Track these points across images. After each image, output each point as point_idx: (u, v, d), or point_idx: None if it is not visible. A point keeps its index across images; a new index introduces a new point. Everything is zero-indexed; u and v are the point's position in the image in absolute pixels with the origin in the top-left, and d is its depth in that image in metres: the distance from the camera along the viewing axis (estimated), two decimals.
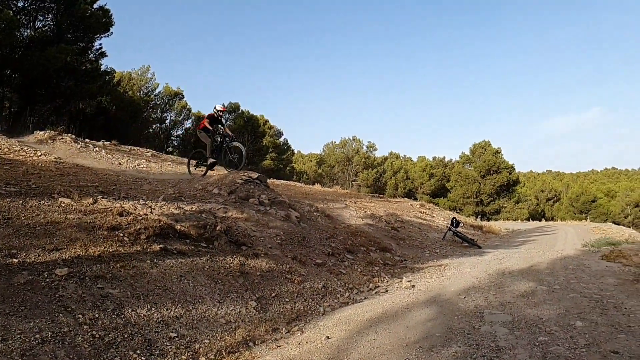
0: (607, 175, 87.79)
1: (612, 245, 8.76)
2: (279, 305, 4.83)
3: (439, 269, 7.18)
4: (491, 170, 39.17)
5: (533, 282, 5.44)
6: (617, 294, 4.65)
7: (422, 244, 10.55)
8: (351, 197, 15.69)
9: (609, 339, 3.29)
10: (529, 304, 4.40)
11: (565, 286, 5.15)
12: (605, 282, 5.32)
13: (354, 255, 7.68)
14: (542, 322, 3.78)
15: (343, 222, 10.08)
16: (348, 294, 5.66)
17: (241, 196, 7.92)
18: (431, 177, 44.27)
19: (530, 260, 7.30)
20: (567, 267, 6.48)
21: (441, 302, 4.75)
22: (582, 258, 7.47)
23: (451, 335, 3.60)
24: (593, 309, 4.12)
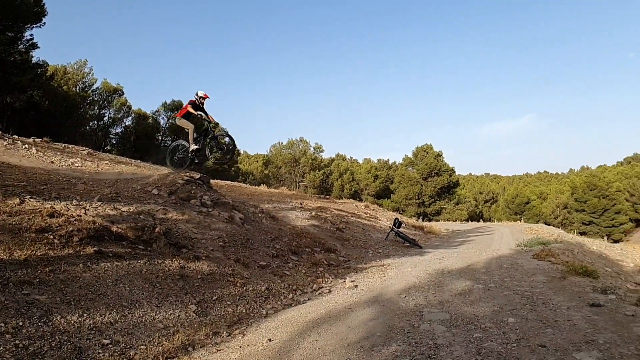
0: (539, 178, 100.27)
1: (543, 244, 10.25)
2: (220, 309, 5.17)
3: (382, 269, 8.01)
4: (433, 172, 44.53)
5: (470, 280, 6.28)
6: (546, 291, 5.61)
7: (366, 244, 11.49)
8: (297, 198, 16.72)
9: (538, 334, 4.02)
10: (466, 302, 5.13)
11: (499, 284, 6.04)
12: (536, 279, 6.35)
13: (299, 257, 8.33)
14: (477, 320, 4.47)
15: (288, 223, 10.79)
16: (292, 295, 6.17)
17: (182, 197, 8.39)
18: (376, 179, 49.31)
19: (468, 260, 8.34)
20: (502, 266, 7.53)
21: (383, 302, 5.37)
22: (516, 257, 8.68)
23: (391, 335, 4.13)
24: (524, 305, 4.95)
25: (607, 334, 3.91)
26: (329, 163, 51.71)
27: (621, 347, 3.58)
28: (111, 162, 14.37)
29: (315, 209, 13.89)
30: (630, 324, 4.21)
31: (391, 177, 49.06)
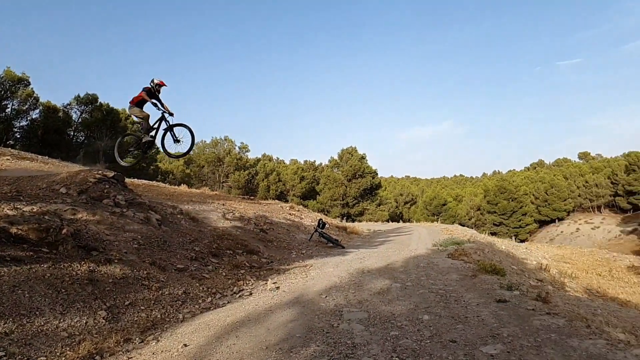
0: (455, 181, 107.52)
1: (457, 244, 10.93)
2: (133, 314, 4.98)
3: (304, 270, 8.07)
4: (357, 174, 46.00)
5: (389, 280, 6.53)
6: (459, 289, 5.99)
7: (290, 246, 11.52)
8: (220, 198, 16.39)
9: (450, 330, 4.27)
10: (384, 301, 5.32)
11: (416, 283, 6.34)
12: (450, 278, 6.75)
13: (219, 259, 8.18)
14: (394, 318, 4.65)
15: (209, 224, 10.58)
16: (210, 298, 6.05)
17: (94, 196, 8.05)
18: (302, 180, 49.75)
19: (387, 259, 8.66)
20: (419, 265, 7.91)
21: (303, 303, 5.41)
22: (432, 256, 9.17)
23: (311, 335, 4.18)
24: (438, 303, 5.23)
25: (510, 328, 4.24)
26: (255, 163, 51.33)
27: (522, 339, 3.91)
28: (13, 157, 13.54)
29: (238, 210, 13.74)
30: (530, 317, 4.61)
31: (317, 178, 49.84)
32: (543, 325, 4.35)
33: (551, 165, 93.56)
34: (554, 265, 14.02)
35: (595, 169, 72.57)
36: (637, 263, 18.50)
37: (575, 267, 15.32)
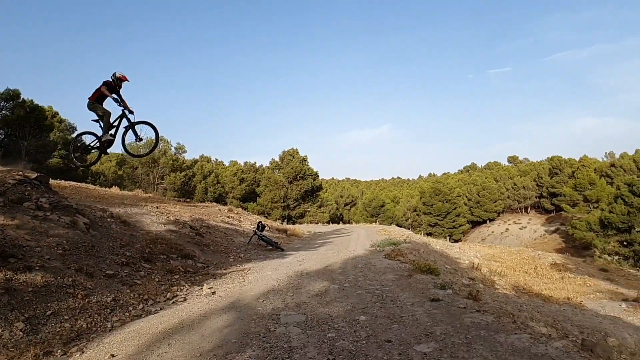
0: (393, 183, 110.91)
1: (394, 245, 11.22)
2: (55, 325, 4.67)
3: (242, 274, 7.92)
4: (298, 176, 46.00)
5: (327, 281, 6.56)
6: (394, 288, 6.12)
7: (227, 249, 11.27)
8: (154, 201, 15.71)
9: (385, 330, 4.35)
10: (322, 303, 5.34)
11: (354, 284, 6.42)
12: (386, 278, 6.90)
13: (152, 264, 7.87)
14: (332, 320, 4.68)
15: (142, 228, 10.17)
16: (142, 305, 5.79)
17: (13, 199, 7.49)
18: (242, 182, 49.26)
19: (326, 261, 8.72)
20: (357, 266, 8.02)
21: (240, 307, 5.30)
22: (370, 257, 9.33)
23: (247, 340, 4.10)
24: (375, 303, 5.32)
25: (443, 326, 4.39)
26: (192, 164, 49.85)
27: (454, 337, 4.06)
28: None
29: (173, 213, 13.32)
30: (462, 315, 4.80)
31: (258, 180, 49.41)
32: (473, 322, 4.54)
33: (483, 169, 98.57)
34: (485, 264, 14.74)
35: (522, 172, 77.41)
36: (558, 260, 19.91)
37: (504, 265, 16.20)
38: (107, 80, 8.69)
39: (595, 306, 10.25)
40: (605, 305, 10.53)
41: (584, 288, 13.24)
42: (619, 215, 33.49)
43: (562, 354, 3.82)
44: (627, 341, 6.45)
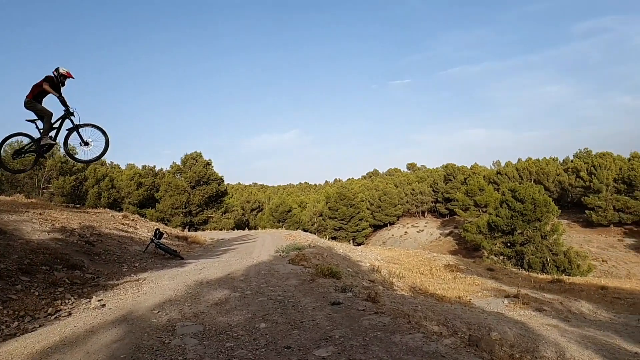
0: (300, 188, 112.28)
1: (298, 250, 11.27)
2: None
3: (136, 284, 7.42)
4: (201, 181, 44.70)
5: (228, 289, 6.39)
6: (297, 294, 6.14)
7: (121, 258, 10.49)
8: (37, 207, 14.06)
9: (285, 336, 4.33)
10: (221, 312, 5.18)
11: (256, 291, 6.33)
12: (289, 283, 6.89)
13: (32, 277, 7.09)
14: (231, 329, 4.56)
15: (21, 237, 9.10)
16: (17, 323, 5.24)
17: None
18: (140, 187, 46.61)
19: (228, 268, 8.51)
20: (260, 273, 7.92)
21: (132, 320, 4.96)
22: (274, 263, 9.27)
23: (138, 355, 3.85)
24: (276, 310, 5.28)
25: (342, 329, 4.48)
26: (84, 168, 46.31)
27: (352, 340, 4.15)
28: None
29: (60, 220, 12.19)
30: (361, 317, 4.94)
31: (157, 185, 47.10)
32: (371, 324, 4.69)
33: (384, 174, 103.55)
34: (384, 266, 15.38)
35: (420, 178, 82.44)
36: (451, 262, 21.41)
37: (403, 267, 17.05)
38: (48, 76, 7.87)
39: (482, 303, 11.15)
40: (491, 302, 11.51)
41: (472, 287, 14.36)
42: (503, 219, 36.91)
43: (450, 350, 4.07)
44: (507, 335, 7.07)
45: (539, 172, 66.07)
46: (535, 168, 67.12)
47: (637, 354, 7.40)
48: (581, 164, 61.36)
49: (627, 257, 45.61)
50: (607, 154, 62.49)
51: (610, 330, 9.58)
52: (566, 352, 6.78)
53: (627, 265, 43.33)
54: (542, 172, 65.70)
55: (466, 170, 74.61)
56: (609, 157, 60.69)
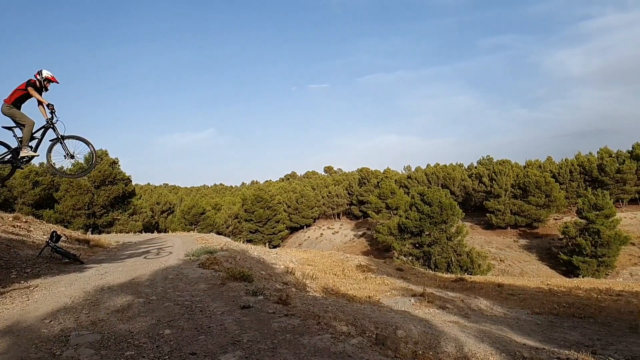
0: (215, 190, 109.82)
1: (210, 253, 10.99)
2: None
3: (26, 292, 6.73)
4: (107, 181, 42.51)
5: (132, 295, 6.06)
6: (205, 298, 5.97)
7: (9, 264, 9.43)
8: None
9: (191, 342, 4.20)
10: (122, 319, 4.89)
11: (162, 296, 6.06)
12: (198, 288, 6.69)
13: None
14: (132, 336, 4.32)
15: None
16: None
17: None
18: (36, 186, 43.29)
19: (133, 273, 8.06)
20: (167, 277, 7.61)
21: (19, 331, 4.51)
22: (183, 267, 8.95)
23: None
24: (182, 315, 5.10)
25: (251, 333, 4.44)
26: None
27: (261, 343, 4.13)
28: None
29: None
30: (270, 320, 4.93)
31: (57, 184, 43.49)
32: (281, 326, 4.70)
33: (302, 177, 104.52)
34: (299, 268, 15.49)
35: (336, 181, 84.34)
36: (363, 262, 22.08)
37: (317, 268, 17.27)
38: (31, 80, 7.19)
39: (391, 302, 11.61)
40: (398, 301, 12.01)
41: (382, 287, 14.91)
42: (412, 221, 38.82)
43: (357, 349, 4.19)
44: (412, 332, 7.43)
45: (446, 177, 70.38)
46: (443, 173, 71.44)
47: (525, 344, 8.10)
48: (484, 170, 66.35)
49: (520, 257, 50.03)
50: (506, 162, 68.46)
51: (503, 324, 10.41)
52: (464, 346, 7.25)
53: (520, 264, 47.53)
54: (449, 177, 70.05)
55: (379, 174, 77.71)
56: (508, 164, 66.48)
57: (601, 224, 40.33)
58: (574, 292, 17.96)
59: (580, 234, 41.89)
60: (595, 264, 39.51)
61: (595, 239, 39.84)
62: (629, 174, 56.64)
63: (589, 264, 39.50)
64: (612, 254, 39.61)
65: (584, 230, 41.74)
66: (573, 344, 8.46)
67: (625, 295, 17.05)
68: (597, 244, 39.67)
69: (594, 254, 39.76)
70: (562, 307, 13.30)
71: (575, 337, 9.31)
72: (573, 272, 39.84)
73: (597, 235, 39.85)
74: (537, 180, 54.92)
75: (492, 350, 7.18)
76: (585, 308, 13.18)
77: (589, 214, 41.50)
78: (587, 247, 40.00)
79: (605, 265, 39.70)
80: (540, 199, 54.80)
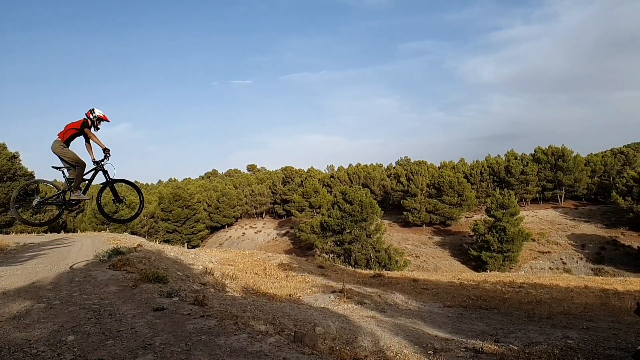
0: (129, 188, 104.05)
1: (122, 254, 10.45)
2: None
3: None
4: (5, 177, 39.27)
5: (31, 300, 5.62)
6: (115, 301, 5.68)
7: None
8: None
9: (98, 348, 3.98)
10: (19, 326, 4.52)
11: (66, 300, 5.67)
12: (107, 290, 6.35)
13: None
14: (30, 344, 4.01)
15: None
16: None
17: None
18: None
19: (34, 276, 7.47)
20: (74, 280, 7.14)
21: None
22: (91, 269, 8.45)
23: None
24: (89, 319, 4.81)
25: (164, 335, 4.29)
26: None
27: (174, 346, 4.01)
28: None
29: None
30: (185, 322, 4.80)
31: None
32: (196, 328, 4.59)
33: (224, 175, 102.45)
34: (218, 268, 15.17)
35: (260, 180, 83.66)
36: (285, 261, 22.12)
37: (237, 268, 17.02)
38: (83, 119, 6.93)
39: (311, 300, 11.75)
40: (318, 298, 12.19)
41: (303, 284, 15.04)
42: (335, 219, 39.60)
43: (274, 348, 4.20)
44: (330, 328, 7.58)
45: (366, 176, 72.51)
46: (364, 173, 73.54)
47: (437, 336, 8.58)
48: (401, 170, 69.26)
49: (435, 253, 52.87)
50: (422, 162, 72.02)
51: (417, 317, 10.94)
52: (380, 340, 7.53)
53: (434, 260, 50.21)
54: (369, 176, 72.26)
55: (303, 173, 78.28)
56: (424, 165, 70.00)
57: (507, 221, 43.80)
58: (481, 285, 19.28)
59: (488, 231, 45.15)
60: (501, 258, 42.79)
61: (502, 236, 43.15)
62: (531, 175, 62.07)
63: (496, 259, 42.69)
64: (516, 250, 43.17)
65: (491, 228, 45.05)
66: (479, 333, 9.08)
67: (525, 287, 18.60)
68: (503, 240, 42.99)
69: (500, 250, 43.05)
70: (471, 299, 14.22)
71: (481, 327, 10.00)
72: (482, 267, 42.90)
73: (503, 232, 43.17)
74: (451, 180, 58.34)
75: (406, 343, 7.52)
76: (490, 300, 14.18)
77: (497, 213, 44.89)
78: (494, 243, 43.19)
79: (509, 260, 43.15)
80: (453, 198, 58.26)
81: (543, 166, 63.48)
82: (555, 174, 62.30)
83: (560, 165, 62.01)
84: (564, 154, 62.47)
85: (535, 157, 64.97)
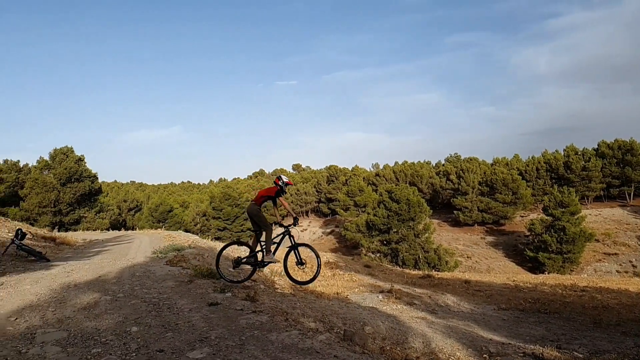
0: (183, 187, 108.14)
1: (177, 251, 10.95)
2: None
3: None
4: (73, 178, 41.29)
5: (98, 292, 6.05)
6: (173, 295, 6.01)
7: None
8: None
9: (158, 339, 4.25)
10: (89, 317, 4.90)
11: (129, 293, 6.06)
12: (165, 285, 6.71)
13: None
14: (99, 333, 4.35)
15: None
16: None
17: None
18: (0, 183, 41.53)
19: (100, 271, 8.00)
20: (134, 275, 7.59)
21: None
22: (150, 264, 8.92)
23: None
24: (150, 312, 5.13)
25: (219, 330, 4.52)
26: None
27: (228, 340, 4.22)
28: None
29: None
30: (238, 317, 5.02)
31: (22, 181, 42.05)
32: (248, 323, 4.79)
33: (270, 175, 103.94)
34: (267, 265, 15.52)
35: (305, 179, 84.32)
36: (331, 259, 22.32)
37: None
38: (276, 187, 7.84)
39: (359, 299, 11.82)
40: (366, 297, 12.25)
41: (350, 283, 15.14)
42: (380, 218, 39.33)
43: (325, 345, 4.32)
44: (380, 328, 7.63)
45: (413, 174, 71.39)
46: (411, 171, 72.45)
47: (492, 339, 8.42)
48: (451, 167, 67.60)
49: (487, 254, 51.36)
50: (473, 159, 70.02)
51: (470, 320, 10.76)
52: (432, 342, 7.49)
53: (487, 261, 48.81)
54: (417, 174, 71.09)
55: (347, 172, 78.18)
56: (475, 162, 67.99)
57: (567, 221, 41.74)
58: (539, 288, 18.58)
59: (546, 231, 43.21)
60: (561, 260, 40.91)
61: (561, 236, 41.19)
62: (594, 171, 58.55)
63: (555, 261, 40.88)
64: (577, 251, 41.07)
65: (549, 227, 43.09)
66: (538, 339, 8.79)
67: (589, 291, 17.73)
68: (563, 241, 41.03)
69: (559, 251, 41.15)
70: (528, 302, 13.77)
71: (540, 332, 9.68)
72: (539, 269, 41.21)
73: (562, 232, 41.20)
74: (504, 177, 56.38)
75: (459, 346, 7.44)
76: (550, 304, 13.66)
77: (555, 211, 42.91)
78: (552, 244, 41.35)
79: (570, 261, 41.15)
80: (507, 196, 56.29)
81: (608, 161, 59.38)
82: (623, 169, 58.07)
83: (629, 160, 57.65)
84: (632, 147, 57.91)
85: (599, 151, 61.15)
